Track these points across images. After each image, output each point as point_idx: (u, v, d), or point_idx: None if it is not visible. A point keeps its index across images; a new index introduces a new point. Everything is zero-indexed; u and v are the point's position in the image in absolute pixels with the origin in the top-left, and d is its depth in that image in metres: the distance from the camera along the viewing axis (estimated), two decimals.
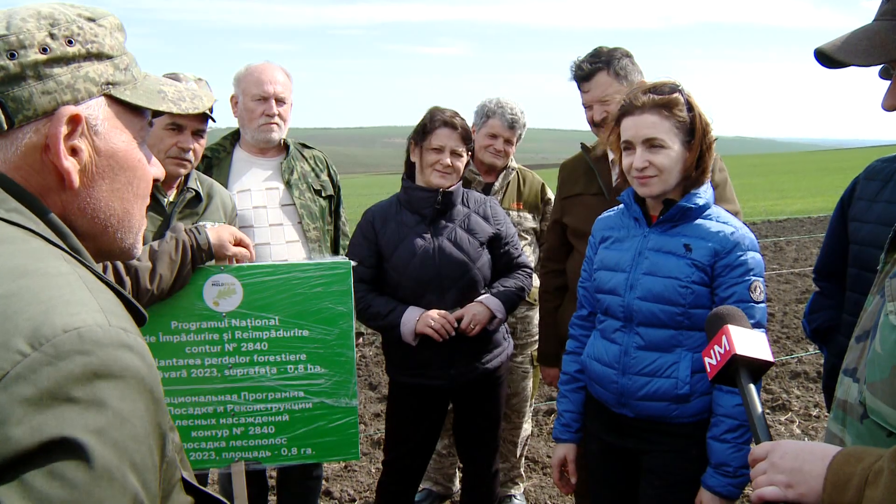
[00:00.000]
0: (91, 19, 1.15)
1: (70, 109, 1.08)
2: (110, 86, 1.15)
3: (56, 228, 1.08)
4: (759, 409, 1.61)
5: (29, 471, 0.80)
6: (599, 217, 2.79)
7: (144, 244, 2.77)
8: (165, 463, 1.05)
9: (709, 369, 1.75)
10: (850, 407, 1.48)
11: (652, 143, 2.42)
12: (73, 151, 1.10)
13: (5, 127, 1.05)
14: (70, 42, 1.10)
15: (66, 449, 0.82)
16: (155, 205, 2.92)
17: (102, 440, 0.85)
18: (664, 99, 2.42)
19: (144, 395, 0.93)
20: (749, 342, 1.69)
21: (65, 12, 1.12)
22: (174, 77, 2.92)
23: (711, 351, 1.75)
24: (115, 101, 1.16)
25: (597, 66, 3.22)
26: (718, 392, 2.40)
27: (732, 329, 1.71)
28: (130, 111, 1.19)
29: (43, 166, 1.09)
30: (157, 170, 1.27)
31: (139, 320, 1.12)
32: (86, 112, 1.11)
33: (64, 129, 1.08)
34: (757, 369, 1.70)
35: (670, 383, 2.45)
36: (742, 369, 1.67)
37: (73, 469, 0.82)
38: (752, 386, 1.65)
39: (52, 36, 1.08)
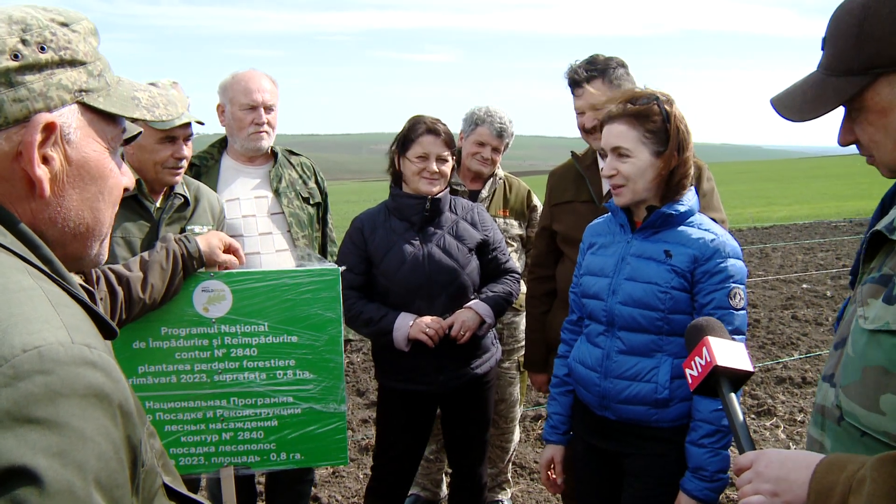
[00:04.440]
0: (64, 24, 1.12)
1: (45, 117, 1.06)
2: (83, 93, 1.12)
3: (26, 239, 1.06)
4: (742, 418, 1.63)
5: None
6: (590, 224, 2.84)
7: (134, 254, 2.79)
8: (144, 472, 1.04)
9: (690, 381, 1.77)
10: (828, 411, 1.52)
11: (619, 152, 2.48)
12: (45, 160, 1.08)
13: None
14: (42, 49, 1.07)
15: (26, 474, 0.81)
16: (143, 212, 2.94)
17: (64, 461, 0.84)
18: (634, 109, 2.48)
19: (109, 411, 0.92)
20: (729, 353, 1.72)
21: (37, 17, 1.09)
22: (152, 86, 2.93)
23: (692, 362, 1.76)
24: (88, 108, 1.14)
25: (592, 74, 3.25)
26: (697, 397, 2.44)
27: (713, 340, 1.73)
28: (104, 118, 1.17)
29: (13, 174, 1.06)
30: (127, 179, 1.25)
31: (110, 334, 1.10)
32: (59, 120, 1.08)
33: (38, 137, 1.05)
34: (737, 379, 1.72)
35: (650, 388, 2.48)
36: (723, 380, 1.69)
37: (35, 495, 0.80)
38: (733, 396, 1.67)
39: (23, 42, 1.05)
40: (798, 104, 1.50)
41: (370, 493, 3.48)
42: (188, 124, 2.94)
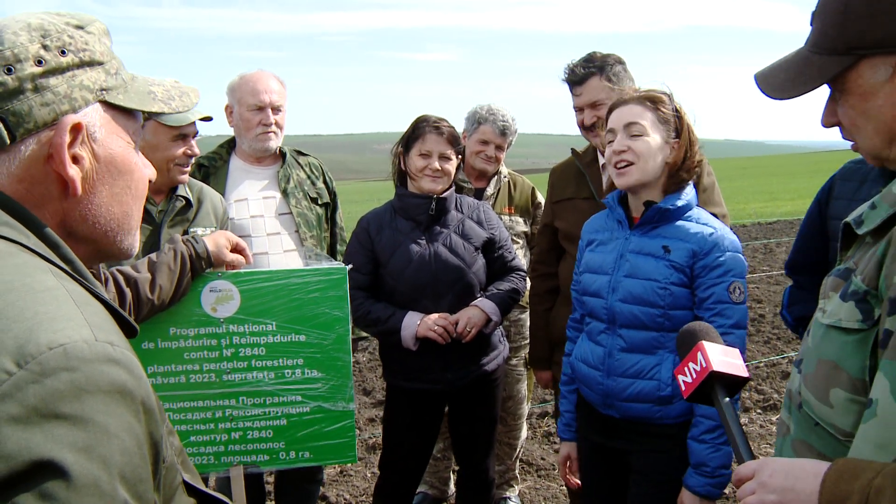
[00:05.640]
0: (79, 27, 1.15)
1: (72, 118, 1.09)
2: (104, 91, 1.16)
3: (48, 240, 1.08)
4: (740, 426, 1.56)
5: (20, 493, 0.80)
6: (587, 220, 2.85)
7: (137, 257, 2.80)
8: (165, 468, 1.06)
9: (683, 387, 1.69)
10: (793, 396, 1.52)
11: (632, 129, 2.49)
12: (75, 160, 1.11)
13: (7, 142, 1.06)
14: (63, 52, 1.10)
15: (54, 468, 0.82)
16: (144, 214, 2.92)
17: (90, 456, 0.85)
18: (649, 94, 2.52)
19: (132, 407, 0.93)
20: (725, 358, 1.64)
21: (53, 22, 1.12)
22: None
23: (686, 368, 1.68)
24: (109, 106, 1.17)
25: (590, 71, 3.27)
26: None
27: (707, 345, 1.65)
28: (124, 114, 1.20)
29: (45, 176, 1.09)
30: (150, 171, 1.29)
31: (130, 332, 1.12)
32: (85, 120, 1.12)
33: (67, 138, 1.09)
34: (733, 385, 1.64)
35: (653, 385, 2.49)
36: (718, 386, 1.62)
37: (63, 489, 0.82)
38: (729, 402, 1.60)
39: (45, 48, 1.08)
40: (780, 82, 1.46)
41: (378, 491, 3.49)
42: (194, 122, 2.99)
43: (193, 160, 3.10)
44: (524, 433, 4.55)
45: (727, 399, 1.61)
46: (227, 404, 2.64)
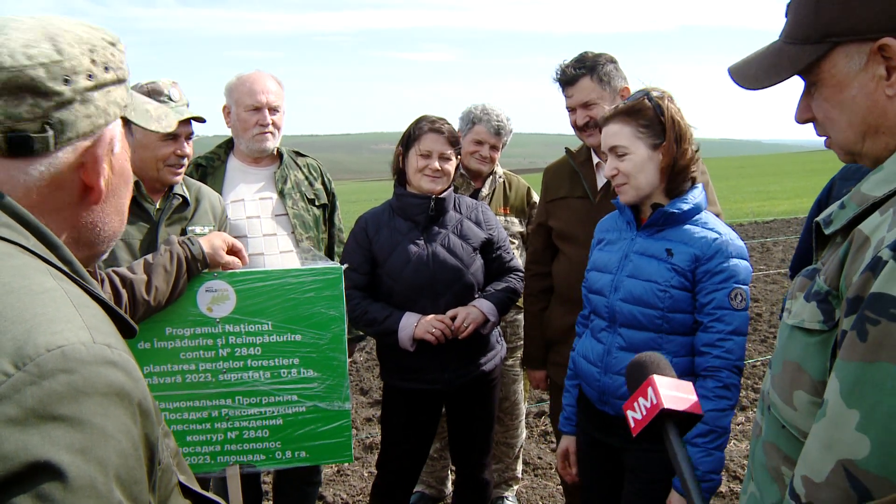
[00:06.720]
0: (112, 44, 1.20)
1: (111, 131, 1.16)
2: (126, 108, 1.22)
3: (47, 241, 1.10)
4: (692, 469, 1.45)
5: (17, 494, 0.81)
6: (602, 219, 2.87)
7: (134, 255, 2.80)
8: (160, 470, 1.07)
9: (633, 424, 1.59)
10: (765, 397, 1.51)
11: (617, 151, 2.52)
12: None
13: (52, 148, 1.09)
14: (107, 69, 1.16)
15: (51, 469, 0.83)
16: (141, 213, 2.93)
17: (86, 458, 0.86)
18: (625, 107, 2.53)
19: (129, 409, 0.94)
20: (677, 394, 1.54)
21: (94, 36, 1.17)
22: (153, 85, 2.94)
23: (635, 404, 1.58)
24: (123, 121, 1.23)
25: (580, 71, 3.27)
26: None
27: (658, 380, 1.55)
28: (127, 129, 1.26)
29: (71, 183, 1.13)
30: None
31: (129, 332, 1.14)
32: (111, 134, 1.17)
33: (106, 149, 1.15)
34: (686, 422, 1.54)
35: None
36: (670, 424, 1.52)
37: (59, 490, 0.83)
38: (681, 442, 1.50)
39: (94, 62, 1.13)
40: (753, 72, 1.45)
41: (375, 491, 3.49)
42: (188, 122, 2.96)
43: (189, 161, 3.08)
44: (523, 433, 4.55)
45: (679, 439, 1.51)
46: (223, 404, 2.65)
